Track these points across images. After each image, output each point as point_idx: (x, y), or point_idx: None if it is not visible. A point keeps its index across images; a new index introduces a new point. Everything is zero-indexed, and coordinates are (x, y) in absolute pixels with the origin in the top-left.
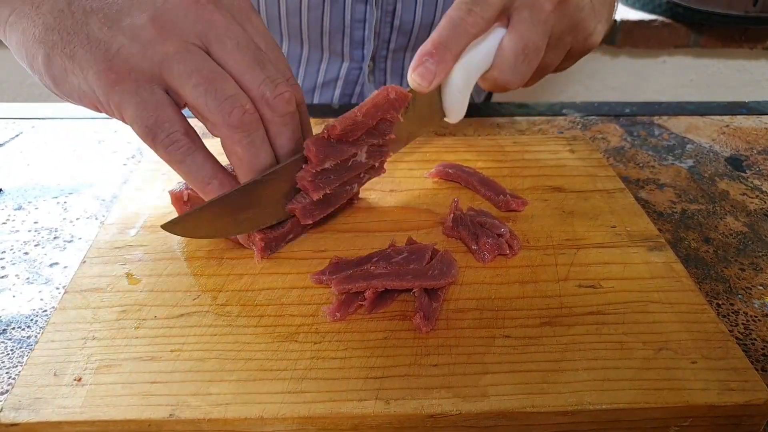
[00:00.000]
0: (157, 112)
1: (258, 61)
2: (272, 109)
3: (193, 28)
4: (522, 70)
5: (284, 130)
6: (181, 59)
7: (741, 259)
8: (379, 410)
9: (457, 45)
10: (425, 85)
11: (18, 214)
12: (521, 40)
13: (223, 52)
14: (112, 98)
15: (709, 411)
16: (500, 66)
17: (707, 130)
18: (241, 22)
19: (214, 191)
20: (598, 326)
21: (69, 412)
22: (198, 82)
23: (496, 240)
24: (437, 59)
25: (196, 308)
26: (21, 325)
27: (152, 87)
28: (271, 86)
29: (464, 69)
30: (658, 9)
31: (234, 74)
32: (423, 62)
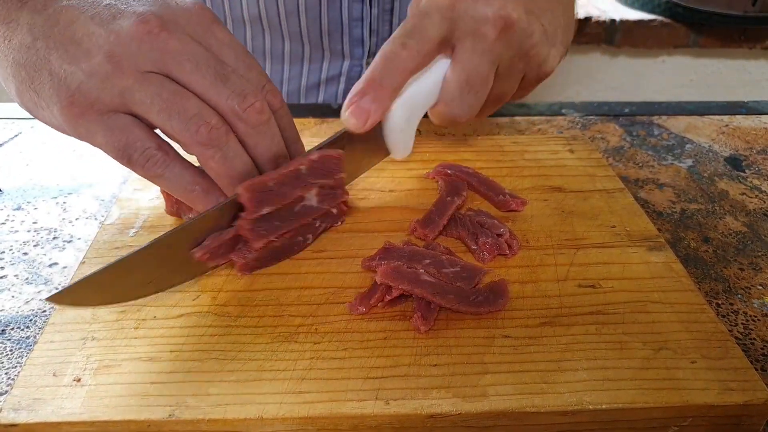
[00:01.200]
0: (126, 133)
1: (220, 76)
2: (243, 121)
3: (148, 58)
4: (469, 103)
5: (261, 139)
6: (141, 88)
7: (740, 258)
8: (378, 410)
9: (392, 81)
10: (360, 124)
11: (17, 214)
12: (464, 72)
13: (183, 75)
14: (79, 130)
15: (708, 411)
16: (446, 99)
17: (706, 130)
18: (201, 40)
19: (200, 198)
20: (597, 326)
21: (68, 413)
22: (161, 107)
23: (495, 240)
24: (372, 97)
25: (195, 308)
26: (20, 325)
27: (117, 115)
28: (237, 99)
29: (406, 105)
30: (657, 9)
31: (198, 94)
32: (355, 101)
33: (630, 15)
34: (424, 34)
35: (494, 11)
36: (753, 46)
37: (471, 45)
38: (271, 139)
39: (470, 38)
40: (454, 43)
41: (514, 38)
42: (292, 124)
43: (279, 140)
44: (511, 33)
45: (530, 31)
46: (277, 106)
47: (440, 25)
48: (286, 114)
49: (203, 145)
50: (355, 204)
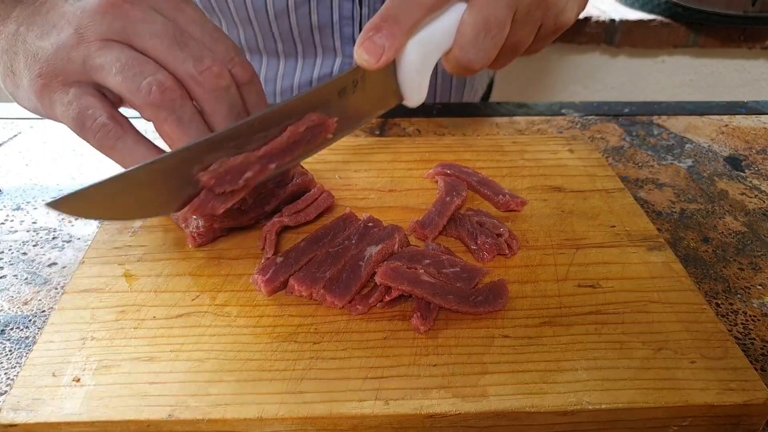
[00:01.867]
0: (80, 102)
1: (179, 42)
2: (200, 84)
3: (110, 27)
4: (485, 48)
5: (218, 106)
6: (101, 54)
7: (740, 258)
8: (378, 410)
9: (408, 18)
10: (373, 61)
11: (16, 214)
12: (482, 14)
13: (142, 42)
14: (44, 102)
15: (708, 410)
16: (461, 43)
17: (706, 130)
18: (167, 14)
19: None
20: (597, 326)
21: (68, 413)
22: (118, 70)
23: (495, 240)
24: (386, 33)
25: (195, 308)
26: (19, 325)
27: (79, 85)
28: (193, 62)
29: (421, 46)
30: (657, 9)
31: (156, 60)
32: (369, 37)
33: (630, 15)
34: None
35: None
36: (753, 46)
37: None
38: (230, 107)
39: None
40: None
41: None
42: (261, 100)
43: (239, 111)
44: None
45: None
46: (245, 79)
47: None
48: (256, 90)
49: (156, 106)
50: (355, 204)
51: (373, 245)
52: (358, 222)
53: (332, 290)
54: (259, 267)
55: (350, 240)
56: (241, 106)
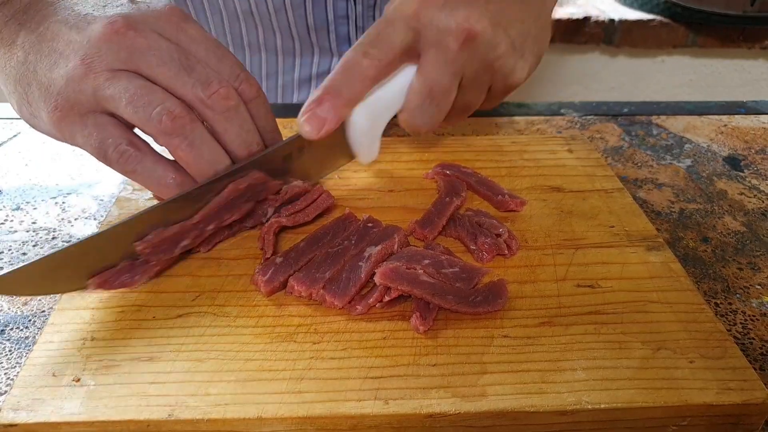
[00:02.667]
0: (99, 131)
1: (185, 67)
2: (209, 108)
3: (117, 57)
4: (430, 113)
5: (229, 126)
6: (110, 85)
7: (739, 258)
8: (377, 410)
9: (351, 90)
10: (314, 133)
11: (16, 214)
12: (427, 82)
13: (149, 69)
14: (64, 133)
15: (707, 410)
16: (408, 109)
17: (705, 130)
18: (170, 37)
19: (174, 191)
20: (596, 326)
21: (68, 413)
22: (128, 101)
23: (494, 240)
24: (328, 106)
25: (194, 309)
26: (19, 325)
27: (95, 115)
28: (201, 86)
29: (369, 111)
30: (656, 9)
31: (165, 87)
32: (311, 109)
33: (629, 15)
34: (387, 43)
35: (458, 22)
36: (752, 46)
37: (434, 56)
38: (241, 125)
39: (433, 49)
40: (419, 51)
41: (478, 50)
42: (268, 114)
43: (250, 128)
44: (474, 44)
45: (495, 42)
46: (252, 95)
47: (404, 34)
48: (263, 103)
49: (168, 134)
50: (353, 204)
51: (373, 245)
52: (357, 222)
53: (332, 290)
54: (258, 267)
55: (350, 240)
56: (251, 122)
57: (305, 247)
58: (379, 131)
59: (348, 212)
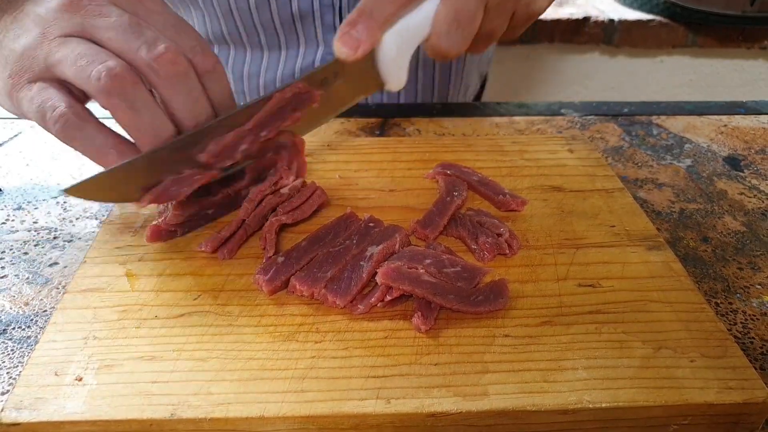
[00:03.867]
0: (41, 95)
1: (133, 31)
2: (154, 71)
3: (70, 23)
4: (457, 38)
5: (174, 93)
6: (59, 49)
7: (739, 258)
8: (379, 409)
9: (382, 13)
10: (351, 53)
11: (17, 214)
12: (453, 7)
13: (99, 35)
14: (13, 100)
15: (708, 409)
16: (436, 34)
17: (705, 130)
18: (126, 8)
19: (114, 161)
20: (597, 325)
21: (70, 412)
22: (72, 61)
23: (495, 239)
24: (362, 28)
25: (196, 308)
26: (21, 325)
27: (42, 81)
28: (147, 48)
29: (397, 37)
30: (655, 9)
31: (114, 51)
32: (346, 31)
33: (629, 15)
34: None
35: None
36: (751, 46)
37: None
38: (188, 94)
39: None
40: None
41: None
42: (224, 89)
43: (199, 98)
44: None
45: None
46: (206, 67)
47: None
48: (219, 78)
49: (106, 92)
50: (354, 203)
51: (374, 245)
52: (359, 222)
53: (333, 290)
54: (260, 267)
55: (351, 240)
56: (201, 92)
57: (307, 247)
58: (407, 58)
59: (349, 212)
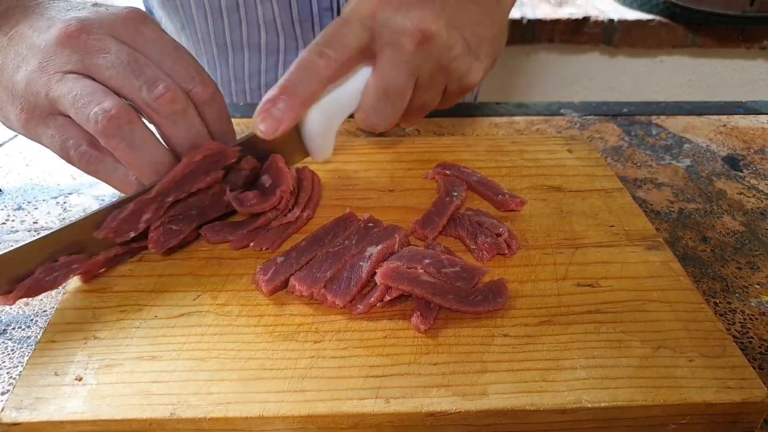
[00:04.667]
0: (61, 133)
1: (133, 69)
2: (155, 111)
3: (69, 60)
4: (385, 112)
5: (175, 129)
6: (57, 87)
7: (738, 258)
8: (379, 409)
9: (306, 90)
10: (270, 132)
11: (17, 214)
12: (383, 82)
13: (99, 73)
14: (30, 134)
15: (706, 409)
16: (364, 108)
17: (704, 130)
18: (126, 40)
19: (136, 187)
20: (596, 325)
21: (70, 412)
22: (71, 101)
23: (494, 239)
24: (284, 106)
25: (196, 308)
26: (21, 325)
27: (55, 117)
28: (147, 89)
29: (324, 110)
30: (655, 9)
31: (114, 89)
32: (267, 109)
33: (628, 15)
34: (343, 43)
35: (413, 23)
36: (751, 46)
37: (390, 56)
38: (188, 129)
39: (389, 49)
40: (375, 52)
41: (433, 51)
42: (222, 117)
43: (198, 131)
44: (429, 46)
45: (450, 44)
46: (205, 98)
47: (360, 34)
48: (217, 106)
49: (106, 134)
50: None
51: (374, 245)
52: (358, 222)
53: (333, 290)
54: (259, 267)
55: (350, 240)
56: (200, 124)
57: (306, 247)
58: (333, 131)
59: (349, 212)
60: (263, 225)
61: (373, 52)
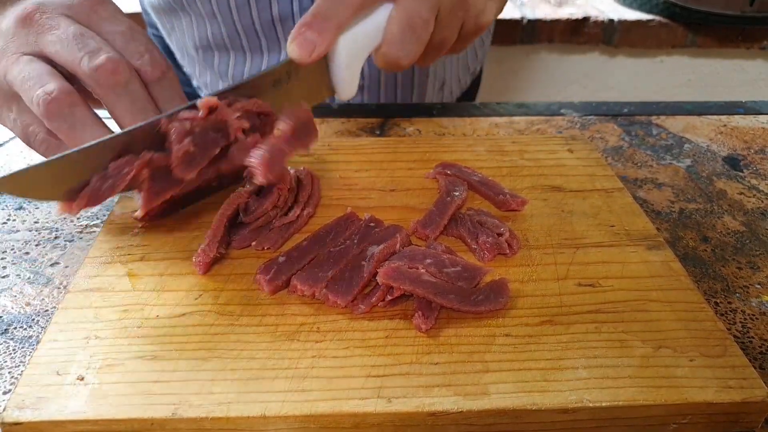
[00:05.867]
0: (21, 119)
1: (77, 42)
2: (96, 82)
3: (25, 41)
4: (410, 46)
5: (117, 102)
6: (12, 69)
7: (738, 257)
8: (380, 408)
9: (337, 16)
10: (305, 56)
11: (18, 213)
12: (407, 14)
13: (48, 50)
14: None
15: (707, 408)
16: (388, 41)
17: (705, 130)
18: (81, 20)
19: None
20: (597, 324)
21: (72, 411)
22: (19, 84)
23: (495, 239)
24: (317, 30)
25: (197, 308)
26: (23, 324)
27: (16, 100)
28: (89, 59)
29: (350, 43)
30: (655, 9)
31: (61, 64)
32: (302, 33)
33: (628, 15)
34: None
35: None
36: (751, 46)
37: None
38: (131, 102)
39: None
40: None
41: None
42: (175, 97)
43: (143, 106)
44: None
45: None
46: (154, 76)
47: None
48: (169, 86)
49: (48, 117)
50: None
51: (375, 245)
52: (359, 222)
53: (334, 290)
54: (261, 266)
55: (352, 240)
56: (147, 101)
57: (308, 247)
58: (358, 66)
59: (350, 212)
60: (265, 224)
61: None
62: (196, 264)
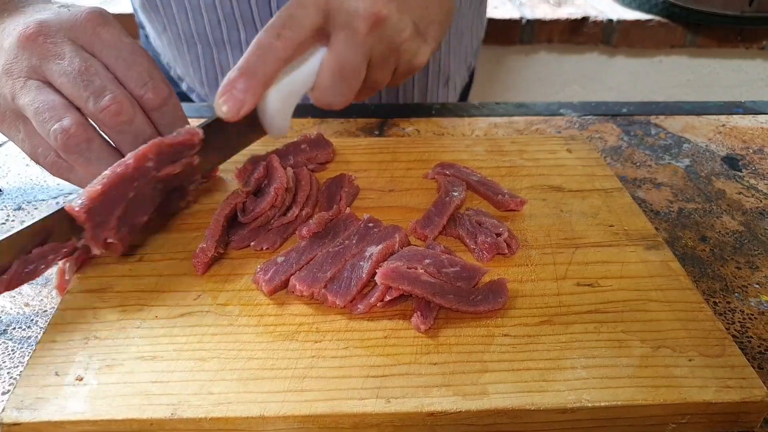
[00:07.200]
0: (30, 139)
1: (83, 78)
2: (101, 122)
3: (29, 64)
4: (340, 91)
5: (122, 139)
6: (21, 95)
7: (737, 257)
8: (379, 408)
9: (265, 71)
10: (233, 113)
11: (18, 214)
12: (338, 62)
13: (53, 80)
14: (3, 133)
15: (706, 408)
16: (320, 87)
17: (703, 130)
18: (83, 43)
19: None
20: (596, 324)
21: (71, 412)
22: (33, 114)
23: (494, 239)
24: (244, 87)
25: (196, 308)
26: (22, 325)
27: (24, 121)
28: (94, 101)
29: (281, 91)
30: (654, 9)
31: (67, 98)
32: (229, 90)
33: (627, 15)
34: (299, 25)
35: (366, 7)
36: (749, 46)
37: (344, 37)
38: (135, 138)
39: (343, 31)
40: (330, 32)
41: (385, 33)
42: (176, 121)
43: (146, 140)
44: (382, 28)
45: (401, 27)
46: (156, 103)
47: (315, 15)
48: (171, 111)
49: (65, 151)
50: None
51: (374, 245)
52: (358, 222)
53: (333, 290)
54: (260, 267)
55: (351, 240)
56: (150, 132)
57: (306, 247)
58: (290, 108)
59: (349, 212)
60: (263, 224)
61: (327, 34)
62: (195, 264)
